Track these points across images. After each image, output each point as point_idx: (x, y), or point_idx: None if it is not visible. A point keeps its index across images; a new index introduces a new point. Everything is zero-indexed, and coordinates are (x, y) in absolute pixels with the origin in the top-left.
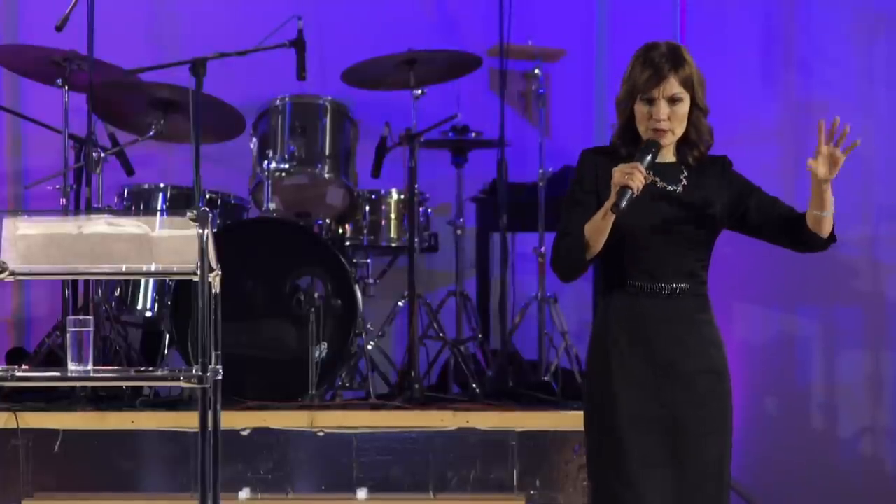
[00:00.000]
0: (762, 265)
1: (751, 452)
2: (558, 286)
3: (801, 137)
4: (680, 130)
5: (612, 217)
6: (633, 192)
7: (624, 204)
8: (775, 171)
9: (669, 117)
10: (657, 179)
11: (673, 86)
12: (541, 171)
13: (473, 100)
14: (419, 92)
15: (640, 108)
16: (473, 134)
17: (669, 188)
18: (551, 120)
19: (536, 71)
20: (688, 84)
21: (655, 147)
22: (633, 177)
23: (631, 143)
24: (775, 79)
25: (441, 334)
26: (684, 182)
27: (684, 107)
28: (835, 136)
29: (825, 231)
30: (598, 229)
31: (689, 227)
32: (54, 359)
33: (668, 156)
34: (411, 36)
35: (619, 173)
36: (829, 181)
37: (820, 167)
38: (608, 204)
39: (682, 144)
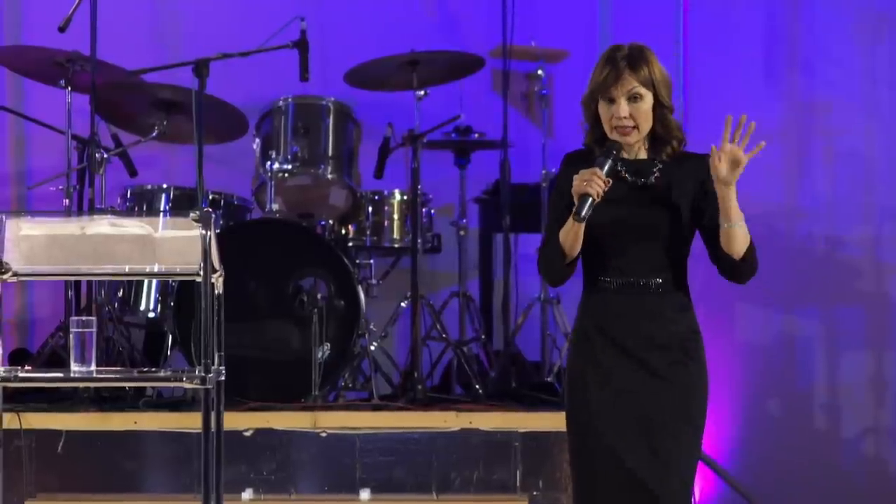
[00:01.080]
0: (764, 265)
1: (752, 452)
2: (561, 287)
3: (805, 138)
4: (645, 127)
5: (580, 225)
6: (593, 199)
7: (585, 212)
8: (779, 171)
9: (631, 115)
10: (628, 175)
11: (630, 83)
12: (544, 171)
13: (476, 101)
14: (422, 93)
15: (602, 108)
16: (476, 135)
17: (641, 181)
18: (554, 120)
19: (539, 72)
20: (647, 83)
21: (616, 149)
22: (591, 183)
23: (602, 142)
24: (779, 79)
25: (444, 335)
26: (657, 174)
27: (645, 104)
28: (741, 134)
29: (735, 250)
30: (570, 237)
31: (661, 219)
32: (57, 360)
33: (640, 153)
34: (414, 37)
35: (578, 181)
36: (733, 185)
37: (721, 165)
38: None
39: (654, 142)
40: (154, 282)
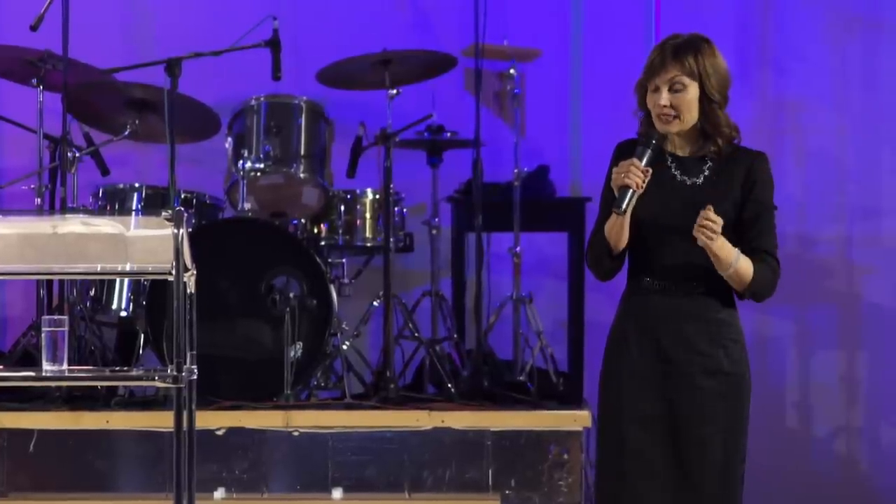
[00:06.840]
0: None
1: None
2: (533, 286)
3: (776, 137)
4: (688, 118)
5: (624, 218)
6: (633, 191)
7: (626, 204)
8: None
9: (672, 104)
10: (677, 173)
11: (671, 71)
12: (516, 170)
13: (448, 100)
14: (394, 92)
15: (649, 96)
16: (448, 134)
17: (689, 181)
18: (526, 120)
19: (511, 71)
20: (692, 73)
21: (655, 138)
22: (629, 175)
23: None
24: (750, 78)
25: (416, 334)
26: (706, 174)
27: (687, 95)
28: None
29: (735, 287)
30: (615, 230)
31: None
32: (29, 359)
33: (688, 147)
34: (386, 36)
35: (616, 173)
36: (710, 246)
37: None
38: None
39: (703, 138)
40: (126, 281)
